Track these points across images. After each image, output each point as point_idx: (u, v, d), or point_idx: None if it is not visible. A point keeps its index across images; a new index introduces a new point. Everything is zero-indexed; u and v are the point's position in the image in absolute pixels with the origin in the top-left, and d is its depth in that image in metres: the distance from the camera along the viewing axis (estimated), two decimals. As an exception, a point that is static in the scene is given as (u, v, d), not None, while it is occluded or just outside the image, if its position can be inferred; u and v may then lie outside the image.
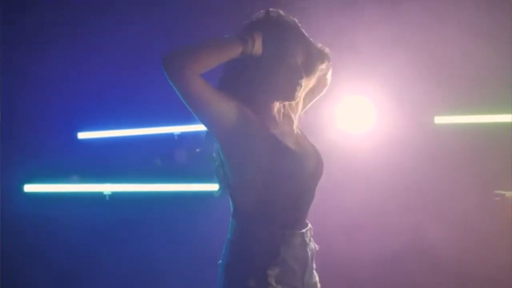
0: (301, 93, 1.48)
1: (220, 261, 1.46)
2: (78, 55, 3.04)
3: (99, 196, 3.07)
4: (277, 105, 1.48)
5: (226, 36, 1.38)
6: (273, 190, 1.41)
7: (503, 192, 2.55)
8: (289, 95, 1.45)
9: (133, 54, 3.00)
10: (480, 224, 2.71)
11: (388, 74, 2.75)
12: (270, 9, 1.47)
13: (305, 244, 1.47)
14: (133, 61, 3.01)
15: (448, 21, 2.68)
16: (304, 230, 1.47)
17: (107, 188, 3.08)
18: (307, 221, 1.53)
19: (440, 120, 2.81)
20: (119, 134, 3.13)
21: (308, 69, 1.45)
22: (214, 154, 1.47)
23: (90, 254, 3.07)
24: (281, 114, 1.50)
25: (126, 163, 3.07)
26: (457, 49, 2.69)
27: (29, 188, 3.18)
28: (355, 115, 2.84)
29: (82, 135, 3.18)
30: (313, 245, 1.53)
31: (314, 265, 1.55)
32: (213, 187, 1.52)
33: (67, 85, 3.11)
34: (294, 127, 1.52)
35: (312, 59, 1.45)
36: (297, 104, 1.54)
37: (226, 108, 1.35)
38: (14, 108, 3.15)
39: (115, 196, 3.07)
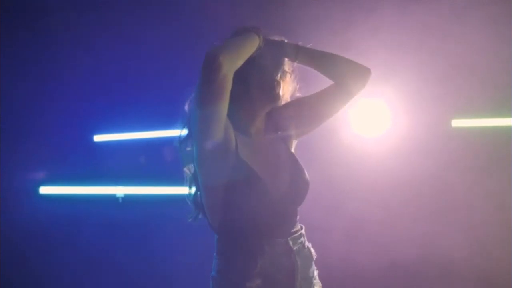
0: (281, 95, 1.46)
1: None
2: (95, 58, 3.05)
3: (112, 199, 3.09)
4: (258, 118, 1.47)
5: (245, 34, 1.40)
6: (235, 207, 1.40)
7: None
8: (270, 94, 1.44)
9: (150, 57, 3.01)
10: (500, 231, 2.63)
11: (403, 76, 2.69)
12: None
13: (290, 252, 1.43)
14: (150, 64, 3.02)
15: (465, 22, 2.61)
16: (288, 238, 1.44)
17: (120, 190, 3.10)
18: (299, 226, 1.49)
19: (457, 123, 2.73)
20: (134, 137, 3.14)
21: (275, 65, 1.45)
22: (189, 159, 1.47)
23: (103, 255, 3.08)
24: (261, 130, 1.48)
25: (140, 165, 3.08)
26: (474, 51, 2.62)
27: (44, 190, 3.22)
28: (370, 118, 2.78)
29: (98, 138, 3.20)
30: (307, 252, 1.49)
31: (315, 273, 1.51)
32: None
33: (84, 88, 3.14)
34: (271, 143, 1.49)
35: (274, 55, 1.44)
36: (283, 116, 1.51)
37: (225, 113, 1.37)
38: (31, 111, 3.19)
39: (127, 198, 3.09)
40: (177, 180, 2.97)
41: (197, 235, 2.91)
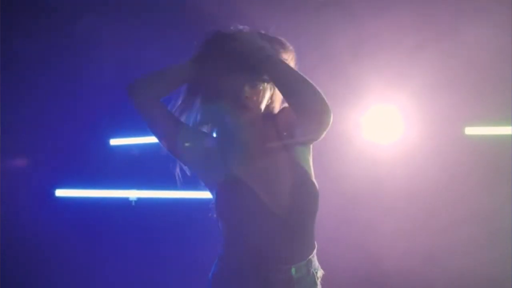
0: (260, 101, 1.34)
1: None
2: (112, 62, 3.04)
3: (125, 202, 3.12)
4: (243, 127, 1.35)
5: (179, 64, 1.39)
6: (226, 219, 1.33)
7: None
8: (236, 104, 1.31)
9: (168, 62, 3.01)
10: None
11: (416, 82, 2.66)
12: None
13: (289, 282, 1.29)
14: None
15: (479, 27, 2.56)
16: (292, 266, 1.30)
17: (133, 194, 3.13)
18: (310, 250, 1.35)
19: (470, 131, 2.69)
20: (150, 141, 3.16)
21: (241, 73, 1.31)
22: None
23: (116, 256, 3.12)
24: (257, 138, 1.37)
25: (154, 169, 3.09)
26: (489, 57, 2.58)
27: (60, 193, 3.27)
28: (382, 125, 2.76)
29: (114, 142, 3.24)
30: (311, 279, 1.34)
31: None
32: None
33: (101, 93, 3.15)
34: (270, 152, 1.36)
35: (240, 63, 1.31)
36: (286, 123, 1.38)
37: (178, 135, 1.35)
38: (48, 115, 3.23)
39: (140, 202, 3.12)
40: (190, 184, 3.02)
41: (209, 239, 2.93)
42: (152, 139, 3.11)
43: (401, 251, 2.70)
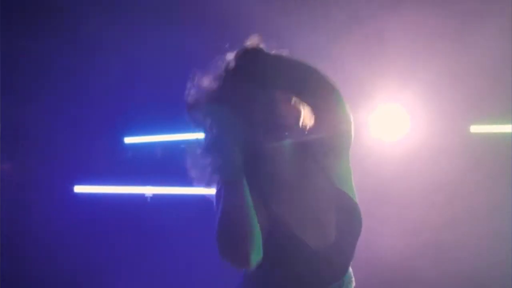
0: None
1: None
2: (128, 63, 3.10)
3: (141, 198, 3.22)
4: (280, 148, 1.26)
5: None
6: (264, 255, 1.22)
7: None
8: (270, 127, 1.23)
9: (182, 61, 3.04)
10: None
11: (423, 81, 2.71)
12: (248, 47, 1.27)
13: None
14: (181, 68, 3.05)
15: (485, 27, 2.60)
16: None
17: (149, 190, 3.22)
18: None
19: (476, 129, 2.73)
20: (163, 139, 3.21)
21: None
22: None
23: (133, 251, 3.20)
24: (290, 160, 1.28)
25: (169, 167, 3.15)
26: (494, 56, 2.61)
27: (78, 189, 3.38)
28: (390, 123, 2.82)
29: (128, 140, 3.32)
30: None
31: None
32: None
33: (116, 94, 3.21)
34: (304, 175, 1.29)
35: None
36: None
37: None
38: (67, 116, 3.31)
39: (156, 198, 3.21)
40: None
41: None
42: (167, 137, 3.20)
43: (407, 247, 2.74)
